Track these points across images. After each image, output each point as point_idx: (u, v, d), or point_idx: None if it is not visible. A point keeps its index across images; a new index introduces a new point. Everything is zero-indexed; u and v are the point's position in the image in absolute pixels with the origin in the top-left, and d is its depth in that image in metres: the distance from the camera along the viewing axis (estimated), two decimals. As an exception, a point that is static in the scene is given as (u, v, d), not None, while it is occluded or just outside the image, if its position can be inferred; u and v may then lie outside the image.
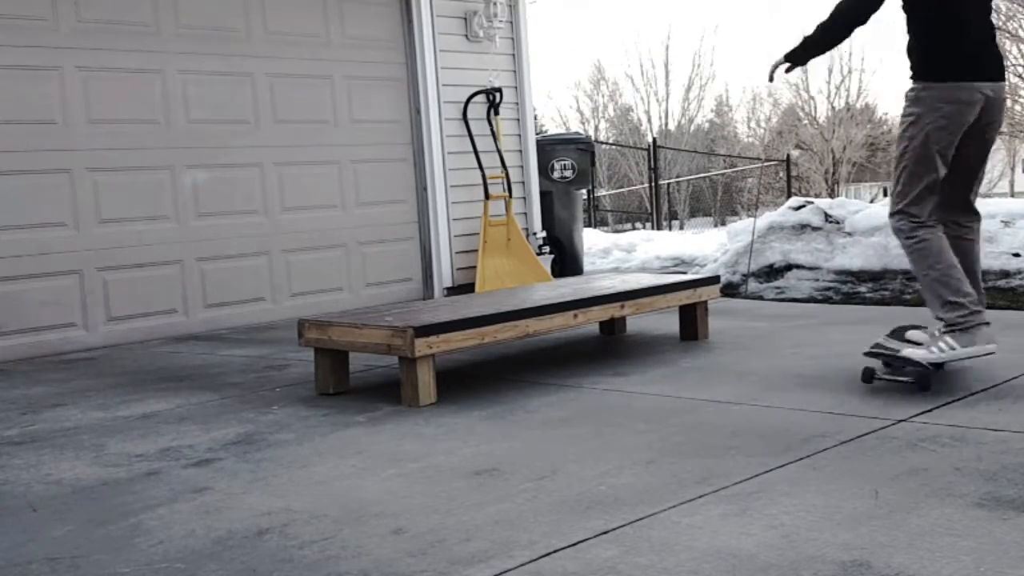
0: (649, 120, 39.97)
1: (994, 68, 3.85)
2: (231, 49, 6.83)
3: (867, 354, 3.90)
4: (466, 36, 7.94)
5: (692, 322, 5.26)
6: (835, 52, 45.22)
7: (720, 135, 42.30)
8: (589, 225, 15.80)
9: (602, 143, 35.52)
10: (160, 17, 6.50)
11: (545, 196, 8.62)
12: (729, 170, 34.49)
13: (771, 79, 4.19)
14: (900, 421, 3.35)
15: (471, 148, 7.80)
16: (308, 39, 7.22)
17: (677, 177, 32.74)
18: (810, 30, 3.98)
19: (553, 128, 37.71)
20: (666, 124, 39.71)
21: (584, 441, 3.35)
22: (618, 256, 10.61)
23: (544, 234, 8.34)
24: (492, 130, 7.93)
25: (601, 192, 27.57)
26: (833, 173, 33.89)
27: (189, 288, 6.62)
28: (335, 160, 7.36)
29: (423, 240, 7.82)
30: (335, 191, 7.36)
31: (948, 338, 3.71)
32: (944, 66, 3.76)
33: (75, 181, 6.15)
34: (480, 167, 7.77)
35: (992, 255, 6.84)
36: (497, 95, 7.96)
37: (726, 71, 73.47)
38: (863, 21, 3.84)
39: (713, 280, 5.38)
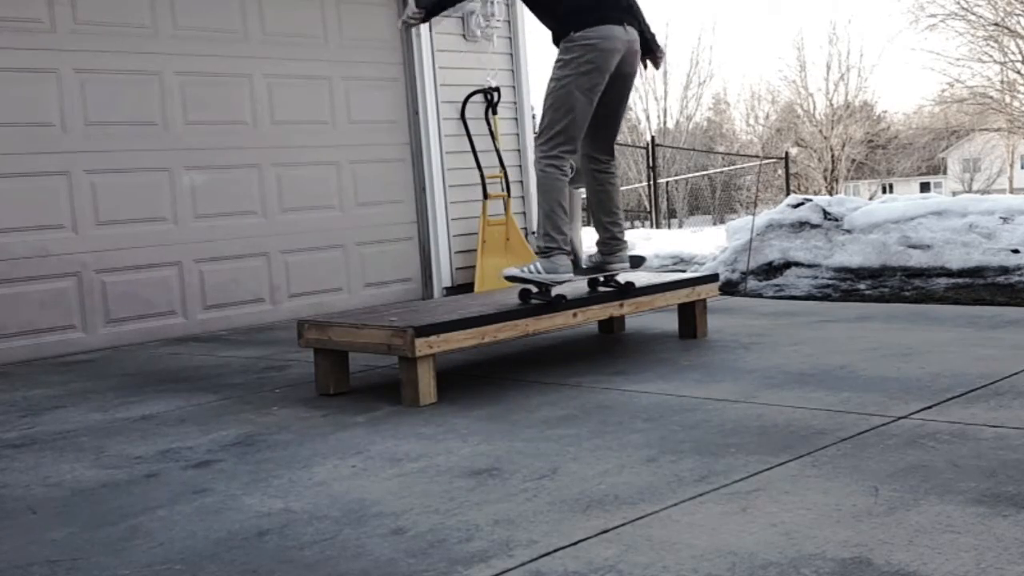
0: (648, 118, 40.01)
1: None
2: (229, 50, 6.83)
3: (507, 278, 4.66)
4: (463, 36, 7.93)
5: (691, 320, 5.26)
6: (833, 49, 45.23)
7: (718, 133, 42.36)
8: (588, 224, 15.78)
9: (600, 142, 35.47)
10: (158, 19, 6.50)
11: (544, 195, 8.60)
12: (728, 168, 34.51)
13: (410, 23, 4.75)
14: (900, 418, 3.35)
15: (469, 148, 7.80)
16: (306, 40, 7.22)
17: (676, 175, 32.77)
18: None
19: (551, 127, 37.64)
20: (664, 122, 39.75)
21: (584, 440, 3.35)
22: (617, 255, 10.57)
23: (543, 233, 8.32)
24: (490, 129, 7.93)
25: (600, 191, 27.49)
26: (832, 170, 33.94)
27: (188, 290, 6.62)
28: (333, 161, 7.36)
29: (422, 240, 7.82)
30: (333, 192, 7.36)
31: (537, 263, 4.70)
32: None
33: (73, 183, 6.15)
34: (478, 167, 7.77)
35: (991, 251, 6.84)
36: (495, 94, 7.95)
37: (724, 69, 73.55)
38: None
39: (712, 278, 5.38)
